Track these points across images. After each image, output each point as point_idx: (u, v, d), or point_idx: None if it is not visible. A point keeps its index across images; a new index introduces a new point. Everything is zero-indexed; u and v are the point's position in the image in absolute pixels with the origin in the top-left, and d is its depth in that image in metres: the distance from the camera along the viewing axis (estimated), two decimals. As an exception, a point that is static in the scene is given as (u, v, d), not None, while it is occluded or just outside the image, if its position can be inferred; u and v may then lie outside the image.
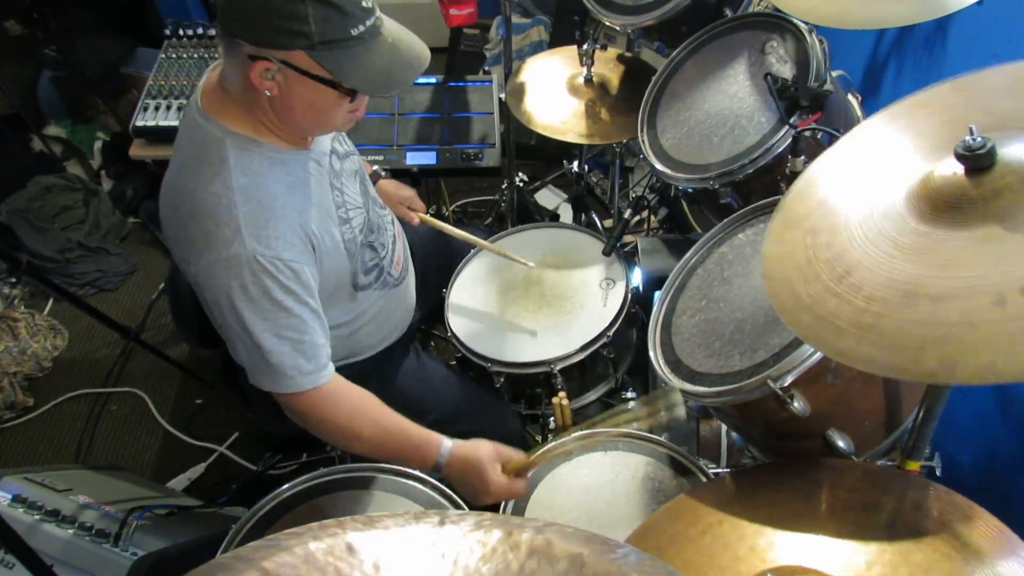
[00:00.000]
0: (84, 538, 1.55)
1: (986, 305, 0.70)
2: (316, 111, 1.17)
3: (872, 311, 0.77)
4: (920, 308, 0.74)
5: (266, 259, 1.15)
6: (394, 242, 1.54)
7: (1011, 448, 1.46)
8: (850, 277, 0.81)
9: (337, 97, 1.15)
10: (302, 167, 1.26)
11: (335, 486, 1.37)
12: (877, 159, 0.94)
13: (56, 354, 2.66)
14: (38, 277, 2.07)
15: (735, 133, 1.48)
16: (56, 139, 3.18)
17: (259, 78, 1.11)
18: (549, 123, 1.95)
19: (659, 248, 1.84)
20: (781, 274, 0.90)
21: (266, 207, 1.16)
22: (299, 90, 1.13)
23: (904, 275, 0.78)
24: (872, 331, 0.76)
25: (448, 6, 2.33)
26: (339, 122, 1.23)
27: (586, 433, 1.39)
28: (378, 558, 0.48)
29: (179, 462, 2.31)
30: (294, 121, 1.20)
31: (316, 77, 1.11)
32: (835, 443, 1.06)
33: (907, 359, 0.72)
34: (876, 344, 0.75)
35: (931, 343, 0.71)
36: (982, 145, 0.76)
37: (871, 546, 0.88)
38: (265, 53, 1.09)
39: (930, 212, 0.80)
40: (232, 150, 1.17)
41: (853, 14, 1.29)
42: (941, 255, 0.77)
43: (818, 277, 0.84)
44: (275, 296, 1.17)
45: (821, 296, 0.82)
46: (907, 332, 0.74)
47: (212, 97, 1.21)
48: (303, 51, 1.08)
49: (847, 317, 0.79)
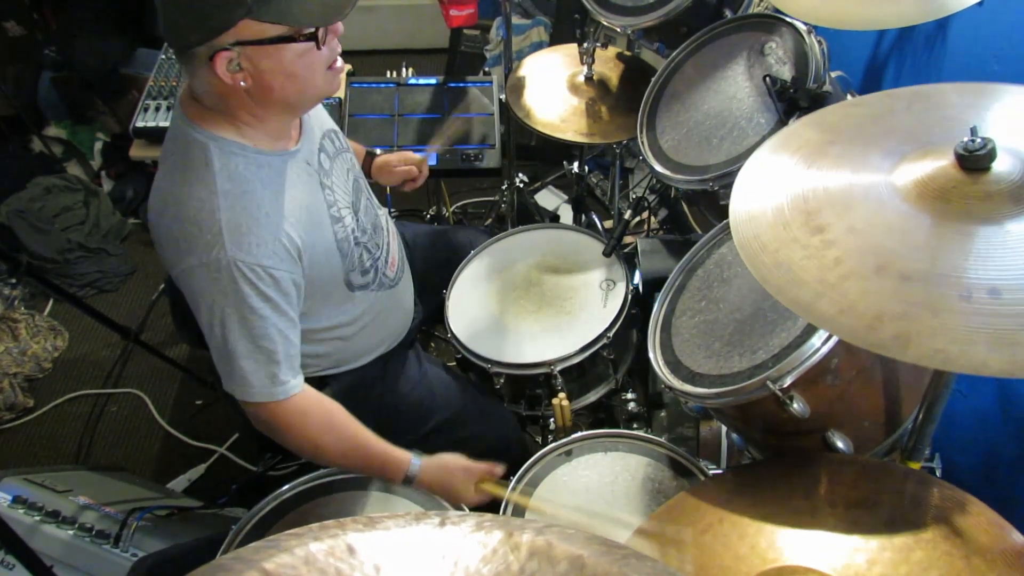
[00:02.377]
0: (84, 539, 1.55)
1: (952, 296, 0.72)
2: (293, 78, 1.15)
3: (839, 272, 0.79)
4: (887, 281, 0.76)
5: (246, 265, 1.14)
6: (388, 242, 1.54)
7: (1011, 448, 1.46)
8: (823, 234, 0.83)
9: (302, 48, 1.13)
10: (289, 167, 1.26)
11: (335, 487, 1.37)
12: (882, 127, 0.94)
13: (56, 355, 2.66)
14: (38, 278, 2.07)
15: (734, 134, 1.48)
16: (56, 140, 3.19)
17: (227, 73, 1.11)
18: (549, 120, 1.95)
19: (659, 249, 1.84)
20: (749, 216, 0.91)
21: (249, 213, 1.16)
22: (268, 65, 1.12)
23: (879, 247, 0.79)
24: (834, 290, 0.78)
25: (448, 7, 2.33)
26: (320, 80, 1.20)
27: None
28: (379, 559, 0.48)
29: (179, 463, 2.31)
30: (279, 102, 1.19)
31: (273, 39, 1.10)
32: (835, 444, 1.06)
33: (862, 325, 0.74)
34: (835, 303, 0.77)
35: (890, 317, 0.73)
36: (982, 146, 0.76)
37: (871, 543, 0.89)
38: (217, 44, 1.08)
39: (918, 195, 0.82)
40: (216, 155, 1.17)
41: (853, 15, 1.29)
42: (920, 238, 0.79)
43: (788, 225, 0.86)
44: (252, 303, 1.16)
45: (788, 245, 0.84)
46: (869, 300, 0.76)
47: (191, 107, 1.21)
48: (247, 20, 1.07)
49: (812, 272, 0.80)
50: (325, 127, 1.41)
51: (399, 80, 2.32)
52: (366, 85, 2.29)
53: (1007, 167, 0.79)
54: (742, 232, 0.89)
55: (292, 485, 1.36)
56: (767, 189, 0.92)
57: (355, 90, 2.27)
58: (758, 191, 0.93)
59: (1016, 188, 0.78)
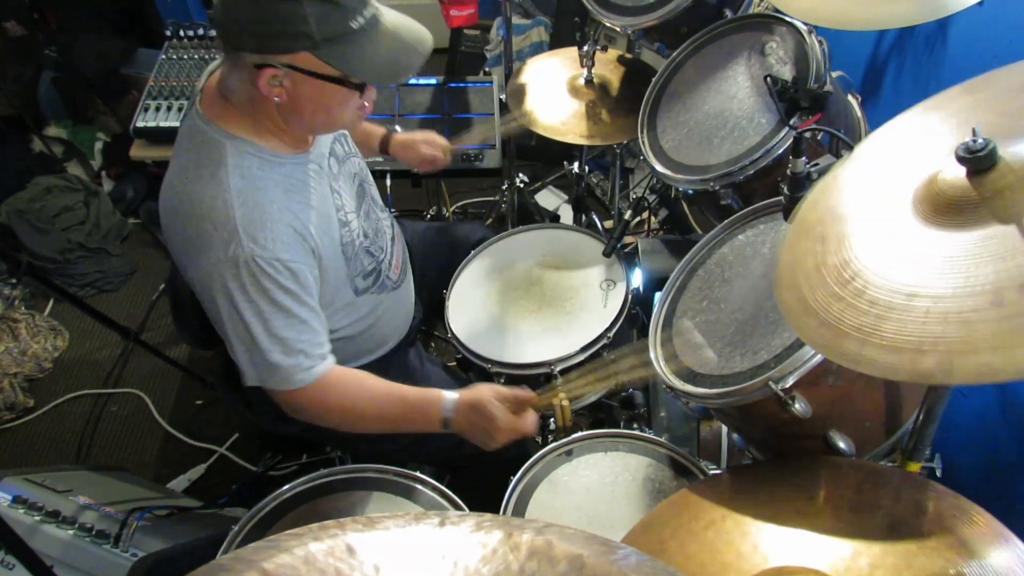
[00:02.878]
0: (84, 539, 1.55)
1: (984, 305, 0.70)
2: (326, 111, 1.18)
3: (873, 313, 0.78)
4: (919, 309, 0.75)
5: (264, 260, 1.15)
6: (392, 244, 1.54)
7: (1011, 448, 1.46)
8: (854, 282, 0.82)
9: (346, 93, 1.15)
10: (301, 171, 1.26)
11: (335, 487, 1.37)
12: (887, 165, 0.94)
13: (56, 355, 2.66)
14: (38, 278, 2.07)
15: (735, 134, 1.48)
16: (56, 140, 3.19)
17: (267, 86, 1.11)
18: (550, 123, 1.95)
19: (659, 249, 1.84)
20: (791, 280, 0.90)
21: (263, 209, 1.16)
22: (307, 92, 1.13)
23: (906, 277, 0.78)
24: (873, 334, 0.76)
25: (449, 7, 2.33)
26: (348, 119, 1.23)
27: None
28: (378, 559, 0.48)
29: (179, 463, 2.31)
30: (303, 124, 1.21)
31: (324, 76, 1.11)
32: (836, 444, 1.06)
33: (905, 360, 0.73)
34: (876, 346, 0.75)
35: (929, 344, 0.72)
36: (983, 147, 0.76)
37: (874, 548, 0.88)
38: (270, 60, 1.09)
39: (932, 214, 0.81)
40: (230, 153, 1.17)
41: (853, 15, 1.29)
42: (942, 256, 0.77)
43: (824, 282, 0.85)
44: (273, 296, 1.17)
45: (826, 301, 0.83)
46: (906, 333, 0.74)
47: (212, 101, 1.21)
48: (307, 52, 1.08)
49: (850, 321, 0.79)
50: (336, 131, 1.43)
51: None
52: (366, 85, 2.29)
53: (1012, 156, 0.77)
54: (788, 301, 0.89)
55: (292, 485, 1.36)
56: (801, 260, 0.92)
57: (355, 90, 2.27)
58: (795, 255, 0.93)
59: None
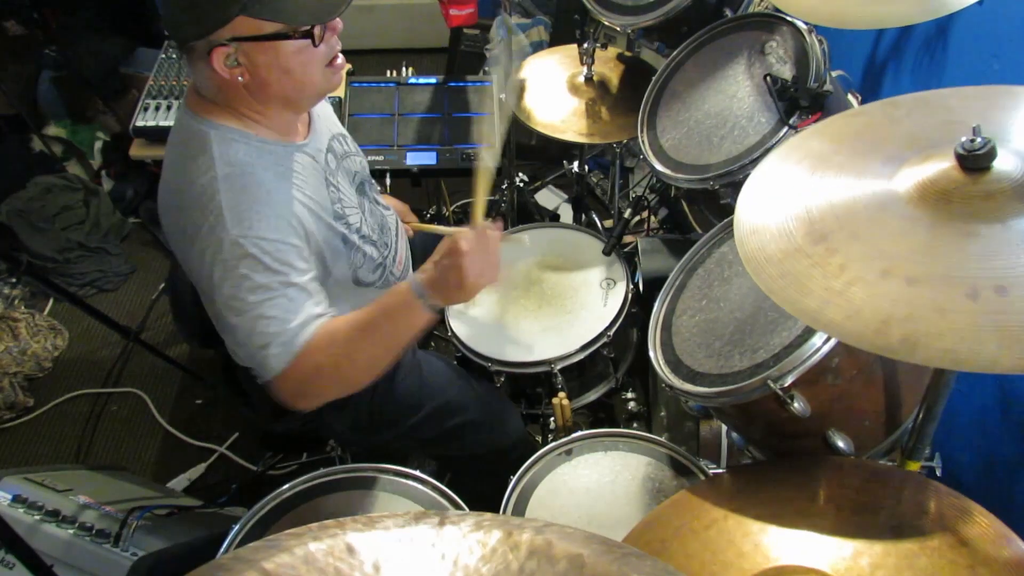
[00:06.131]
0: (84, 538, 1.55)
1: (959, 296, 0.72)
2: (289, 74, 1.17)
3: (844, 279, 0.79)
4: (893, 285, 0.76)
5: (248, 240, 1.13)
6: (397, 240, 1.54)
7: (1011, 448, 1.46)
8: (826, 242, 0.83)
9: (298, 46, 1.14)
10: (294, 159, 1.26)
11: (335, 486, 1.37)
12: (884, 134, 0.94)
13: (56, 354, 2.66)
14: (38, 277, 2.07)
15: (735, 133, 1.48)
16: (56, 139, 3.18)
17: (225, 68, 1.12)
18: (549, 121, 1.95)
19: (659, 248, 1.84)
20: (753, 224, 0.91)
21: (250, 192, 1.16)
22: (262, 60, 1.13)
23: (884, 252, 0.79)
24: (840, 297, 0.78)
25: (448, 6, 2.34)
26: (319, 77, 1.21)
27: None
28: (378, 558, 0.48)
29: (179, 462, 2.31)
30: (277, 97, 1.20)
31: (268, 36, 1.11)
32: (835, 443, 1.06)
33: (870, 330, 0.74)
34: (842, 310, 0.77)
35: (897, 320, 0.73)
36: (983, 146, 0.76)
37: (875, 548, 0.89)
38: (214, 39, 1.10)
39: (921, 198, 0.82)
40: (216, 142, 1.17)
41: (853, 14, 1.29)
42: (923, 241, 0.79)
43: (792, 235, 0.86)
44: (256, 277, 1.13)
45: (792, 256, 0.84)
46: (876, 305, 0.76)
47: (195, 101, 1.22)
48: (242, 16, 1.09)
49: (817, 280, 0.80)
50: (334, 130, 1.43)
51: (399, 79, 2.32)
52: (366, 84, 2.29)
53: (1009, 166, 0.79)
54: (747, 245, 0.89)
55: (292, 484, 1.36)
56: (770, 202, 0.92)
57: (355, 89, 2.27)
58: (762, 204, 0.93)
59: (1019, 187, 0.78)
